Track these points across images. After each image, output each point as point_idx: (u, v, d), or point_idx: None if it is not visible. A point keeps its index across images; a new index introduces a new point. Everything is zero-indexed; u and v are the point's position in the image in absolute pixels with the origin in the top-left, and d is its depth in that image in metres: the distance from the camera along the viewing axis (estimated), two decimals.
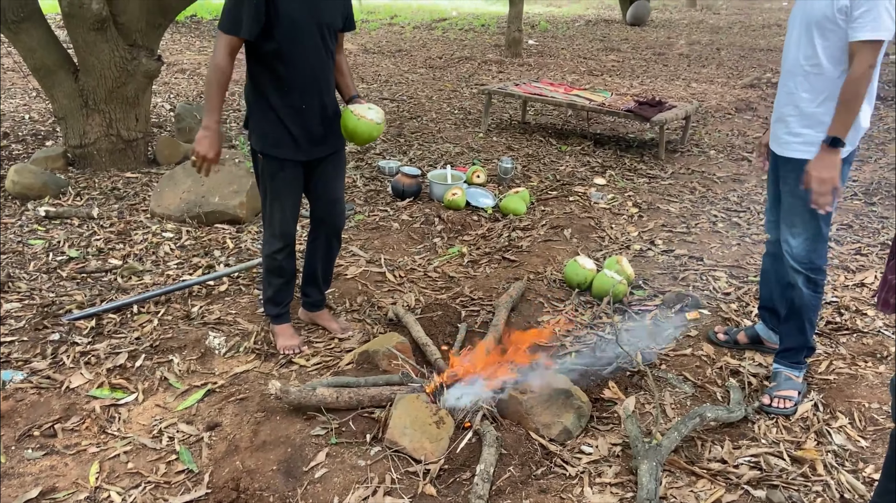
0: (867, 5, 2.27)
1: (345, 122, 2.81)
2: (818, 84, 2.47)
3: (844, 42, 2.37)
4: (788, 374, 2.74)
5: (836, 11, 2.34)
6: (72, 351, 2.99)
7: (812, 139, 2.50)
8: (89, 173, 5.27)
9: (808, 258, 2.62)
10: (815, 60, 2.45)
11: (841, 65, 2.42)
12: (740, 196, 5.27)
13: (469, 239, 4.36)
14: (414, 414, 2.41)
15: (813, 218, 2.56)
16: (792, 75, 2.56)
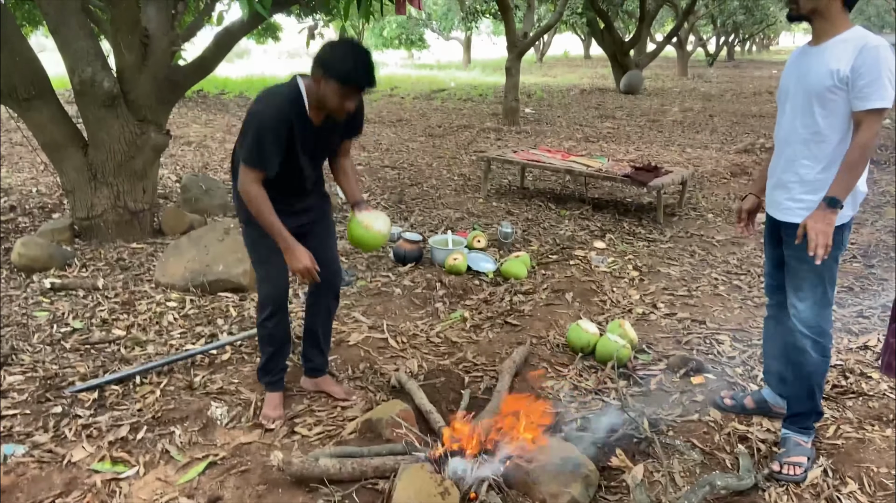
0: (869, 76, 2.34)
1: (352, 230, 2.89)
2: (819, 152, 2.51)
3: (845, 111, 2.44)
4: (797, 440, 2.71)
5: (836, 82, 2.40)
6: (74, 424, 2.97)
7: (812, 206, 2.52)
8: (95, 244, 5.33)
9: (815, 322, 2.62)
10: (816, 129, 2.50)
11: (841, 132, 2.47)
12: (740, 259, 5.32)
13: (471, 303, 4.38)
14: (418, 485, 2.37)
15: (819, 282, 2.58)
16: (789, 143, 2.61)
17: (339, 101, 2.57)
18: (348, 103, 2.60)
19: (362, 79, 2.54)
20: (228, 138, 10.32)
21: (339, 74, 2.51)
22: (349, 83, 2.53)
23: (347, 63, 2.51)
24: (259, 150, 2.63)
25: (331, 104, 2.60)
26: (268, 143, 2.62)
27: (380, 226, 2.87)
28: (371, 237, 2.87)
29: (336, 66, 2.51)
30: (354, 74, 2.52)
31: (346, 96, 2.57)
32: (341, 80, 2.52)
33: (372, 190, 7.29)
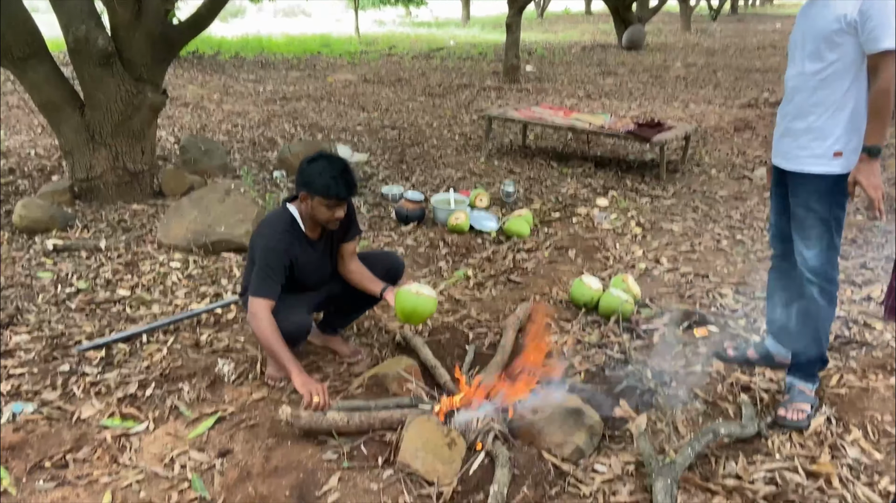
0: (878, 17, 2.33)
1: (403, 303, 2.84)
2: (827, 98, 2.51)
3: (853, 56, 2.43)
4: (802, 388, 2.73)
5: (844, 26, 2.40)
6: (82, 381, 2.99)
7: (822, 152, 2.53)
8: (96, 206, 5.32)
9: (822, 269, 2.64)
10: (824, 74, 2.50)
11: (849, 78, 2.47)
12: (743, 214, 5.30)
13: (474, 262, 4.38)
14: (426, 436, 2.40)
15: (826, 230, 2.59)
16: (798, 90, 2.60)
17: (328, 213, 2.75)
18: (337, 212, 2.76)
19: (342, 190, 2.70)
20: (226, 99, 10.21)
21: (320, 190, 2.68)
22: (331, 196, 2.69)
23: (325, 178, 2.68)
24: (265, 280, 2.74)
25: (322, 217, 2.77)
26: (273, 273, 2.74)
27: (427, 290, 2.87)
28: (425, 302, 2.84)
29: (316, 183, 2.68)
30: (335, 187, 2.68)
31: (333, 207, 2.73)
32: (323, 195, 2.69)
33: (373, 150, 7.23)
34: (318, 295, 3.03)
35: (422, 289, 2.85)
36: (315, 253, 2.90)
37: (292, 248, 2.79)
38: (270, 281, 2.75)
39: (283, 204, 2.90)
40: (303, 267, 2.86)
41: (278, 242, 2.76)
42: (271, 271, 2.74)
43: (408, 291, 2.83)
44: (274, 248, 2.76)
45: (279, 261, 2.75)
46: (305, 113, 9.27)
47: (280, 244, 2.76)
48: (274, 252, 2.75)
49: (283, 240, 2.77)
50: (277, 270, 2.76)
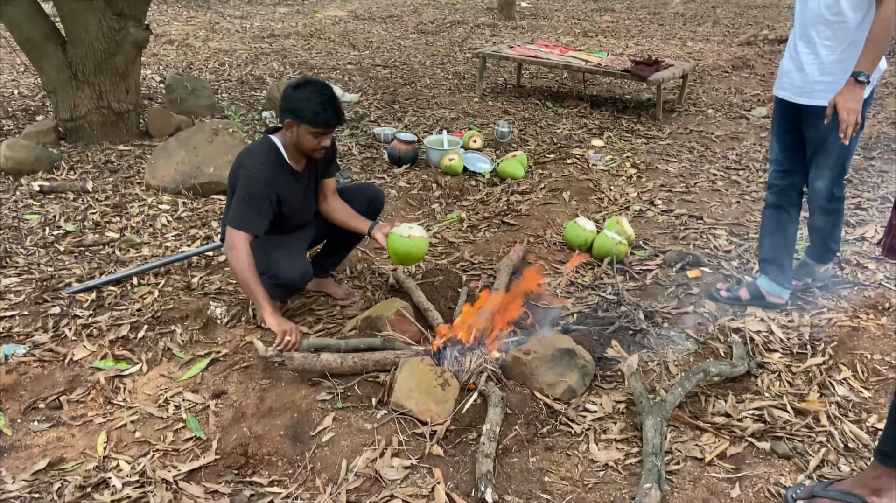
0: None
1: (395, 247, 2.79)
2: (840, 33, 2.53)
3: None
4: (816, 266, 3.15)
5: None
6: (73, 324, 2.98)
7: (835, 86, 2.54)
8: (81, 147, 5.21)
9: (836, 195, 2.83)
10: (837, 9, 2.51)
11: (861, 11, 2.48)
12: (739, 154, 5.24)
13: (468, 204, 4.34)
14: (419, 377, 2.41)
15: (840, 157, 2.72)
16: (812, 24, 2.60)
17: (314, 141, 2.66)
18: (324, 141, 2.67)
19: (331, 117, 2.60)
20: (212, 36, 9.91)
21: (308, 117, 2.58)
22: (319, 124, 2.59)
23: (313, 104, 2.57)
24: (247, 212, 2.66)
25: (308, 146, 2.68)
26: (256, 205, 2.65)
27: (418, 231, 2.79)
28: (417, 244, 2.78)
29: (303, 109, 2.58)
30: (323, 114, 2.58)
31: (320, 136, 2.65)
32: (311, 122, 2.59)
33: (364, 90, 7.08)
34: (308, 234, 2.99)
35: (413, 230, 2.80)
36: (300, 186, 2.82)
37: (276, 181, 2.69)
38: (252, 213, 2.66)
39: (265, 135, 2.80)
40: (288, 201, 2.77)
41: (261, 173, 2.66)
42: (254, 202, 2.65)
43: (399, 236, 2.78)
44: (256, 178, 2.65)
45: (262, 193, 2.66)
46: (294, 51, 9.03)
47: (263, 175, 2.66)
48: (256, 183, 2.65)
49: (266, 171, 2.67)
50: (261, 203, 2.66)
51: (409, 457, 2.23)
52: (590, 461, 2.22)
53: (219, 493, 2.14)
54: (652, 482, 2.01)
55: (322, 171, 2.93)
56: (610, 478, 2.16)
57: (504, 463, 2.21)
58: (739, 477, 2.16)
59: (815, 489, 2.01)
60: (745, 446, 2.27)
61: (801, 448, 2.26)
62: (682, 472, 2.17)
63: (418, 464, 2.21)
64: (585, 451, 2.26)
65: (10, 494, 2.11)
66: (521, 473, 2.17)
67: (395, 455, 2.24)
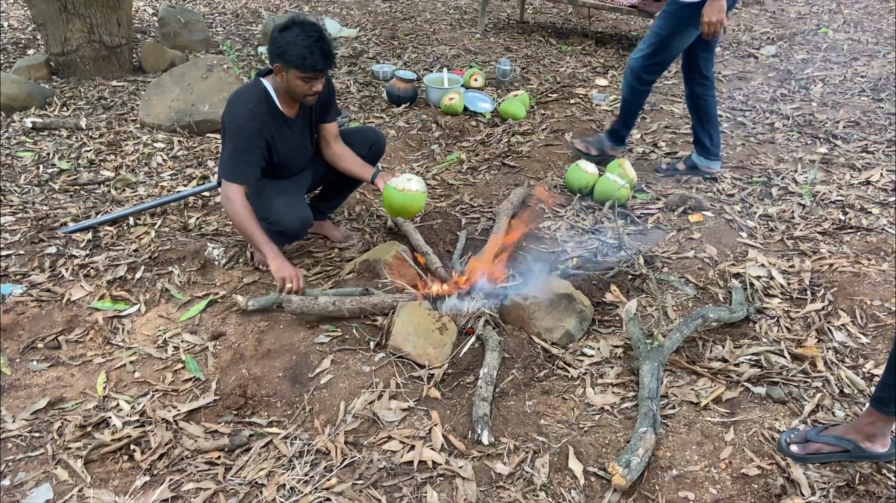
0: None
1: (390, 200, 2.69)
2: None
3: None
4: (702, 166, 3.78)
5: None
6: (70, 264, 2.96)
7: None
8: (74, 82, 5.10)
9: (638, 74, 3.59)
10: None
11: None
12: (746, 95, 5.13)
13: (468, 145, 4.26)
14: (416, 321, 2.41)
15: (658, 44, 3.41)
16: None
17: (305, 86, 2.53)
18: (315, 86, 2.54)
19: (319, 61, 2.47)
20: None
21: (295, 61, 2.45)
22: (307, 68, 2.47)
23: (299, 47, 2.44)
24: (237, 162, 2.58)
25: (298, 92, 2.56)
26: (245, 155, 2.57)
27: (415, 185, 2.68)
28: (412, 198, 2.67)
29: (290, 53, 2.45)
30: (311, 58, 2.45)
31: (310, 81, 2.52)
32: (299, 66, 2.46)
33: (362, 25, 6.88)
34: (306, 178, 2.93)
35: (409, 183, 2.68)
36: (292, 132, 2.73)
37: (265, 127, 2.60)
38: (242, 163, 2.59)
39: (257, 77, 2.69)
40: (280, 148, 2.69)
41: (249, 120, 2.56)
42: (242, 153, 2.58)
43: (394, 188, 2.68)
44: (244, 126, 2.56)
45: (251, 142, 2.57)
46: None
47: (251, 122, 2.56)
48: (244, 131, 2.56)
49: (254, 117, 2.57)
50: (250, 151, 2.59)
51: (407, 400, 2.24)
52: (586, 405, 2.24)
53: (218, 433, 2.16)
54: (647, 426, 2.03)
55: (318, 117, 2.83)
56: (605, 421, 2.18)
57: (501, 406, 2.22)
58: (734, 421, 2.18)
59: (809, 433, 2.03)
60: (741, 391, 2.29)
61: (796, 393, 2.28)
62: (678, 416, 2.18)
63: (415, 407, 2.22)
64: (582, 395, 2.27)
65: (10, 433, 2.13)
66: (518, 416, 2.19)
67: (393, 397, 2.26)
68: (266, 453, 2.09)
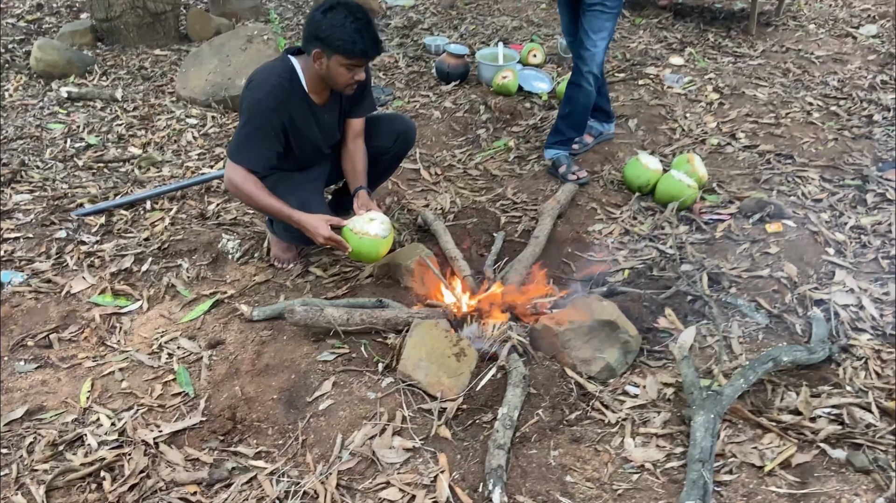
0: None
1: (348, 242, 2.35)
2: None
3: None
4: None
5: None
6: (76, 251, 2.78)
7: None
8: (118, 50, 4.95)
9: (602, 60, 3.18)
10: None
11: None
12: (841, 80, 4.52)
13: (518, 130, 3.87)
14: (431, 344, 2.09)
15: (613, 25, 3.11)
16: None
17: (347, 75, 2.25)
18: (357, 74, 2.26)
19: (370, 47, 2.19)
20: None
21: (342, 47, 2.16)
22: (355, 55, 2.18)
23: (347, 31, 2.15)
24: (246, 143, 2.31)
25: (339, 81, 2.27)
26: (258, 135, 2.30)
27: (375, 228, 2.32)
28: (370, 245, 2.33)
29: (335, 37, 2.15)
30: (361, 43, 2.17)
31: (354, 69, 2.24)
32: (346, 52, 2.17)
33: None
34: (323, 171, 2.64)
35: (369, 225, 2.33)
36: (318, 120, 2.42)
37: (283, 107, 2.30)
38: (252, 144, 2.31)
39: (284, 54, 2.38)
40: (301, 135, 2.40)
41: (266, 96, 2.27)
42: (256, 131, 2.30)
43: (350, 231, 2.34)
44: (259, 101, 2.27)
45: (265, 120, 2.28)
46: None
47: (270, 100, 2.27)
48: (258, 107, 2.28)
49: (273, 94, 2.27)
50: (264, 131, 2.30)
51: (413, 438, 1.94)
52: (623, 459, 1.88)
53: (199, 462, 1.92)
54: (695, 498, 1.67)
55: (348, 110, 2.52)
56: (645, 483, 1.82)
57: (520, 454, 1.89)
58: (805, 493, 1.78)
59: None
60: (816, 454, 1.88)
61: (883, 461, 1.85)
62: (735, 484, 1.80)
63: (422, 447, 1.92)
64: (619, 447, 1.92)
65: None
66: (539, 469, 1.86)
67: (397, 433, 1.96)
68: (248, 491, 1.83)
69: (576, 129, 3.34)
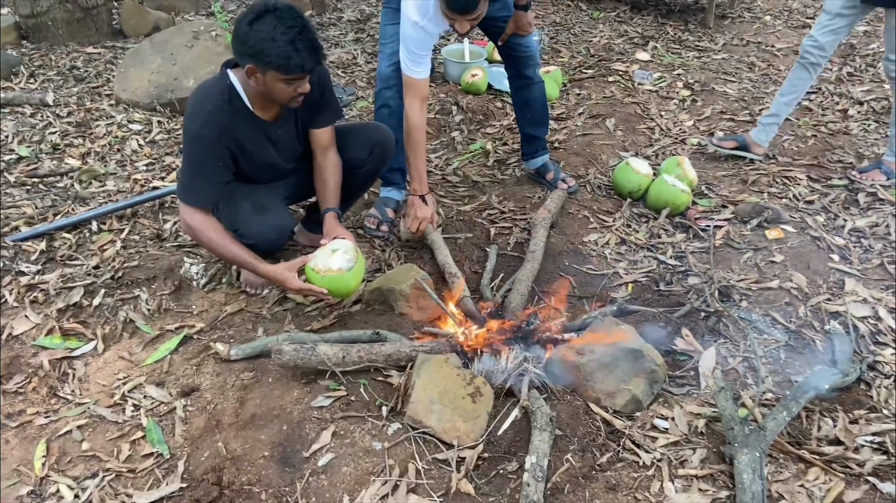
0: None
1: (310, 282, 2.12)
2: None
3: None
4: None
5: None
6: (15, 284, 2.43)
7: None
8: (45, 48, 4.50)
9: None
10: None
11: None
12: None
13: (493, 131, 3.67)
14: (443, 384, 1.87)
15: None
16: None
17: (289, 90, 2.00)
18: (301, 87, 2.01)
19: (306, 59, 1.93)
20: None
21: (275, 63, 1.91)
22: (292, 69, 1.93)
23: (279, 44, 1.89)
24: (194, 181, 2.08)
25: (280, 96, 2.03)
26: (203, 171, 2.07)
27: (338, 262, 2.09)
28: (333, 283, 2.09)
29: (267, 52, 1.90)
30: (296, 57, 1.91)
31: (294, 82, 1.99)
32: (280, 68, 1.92)
33: None
34: (286, 183, 2.38)
35: (332, 259, 2.11)
36: (269, 139, 2.17)
37: (227, 133, 2.06)
38: (199, 181, 2.08)
39: (223, 69, 2.10)
40: (252, 156, 2.14)
41: (205, 126, 2.02)
42: (200, 168, 2.06)
43: (312, 271, 2.11)
44: (198, 134, 2.03)
45: (209, 153, 2.05)
46: None
47: (208, 129, 2.02)
48: (199, 140, 2.03)
49: (212, 121, 2.02)
50: (209, 165, 2.07)
51: (431, 495, 1.72)
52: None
53: None
54: None
55: (307, 121, 2.26)
56: None
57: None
58: None
59: None
60: (866, 489, 1.75)
61: None
62: None
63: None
64: (658, 493, 1.74)
65: None
66: None
67: (412, 490, 1.73)
68: None
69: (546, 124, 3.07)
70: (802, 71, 3.08)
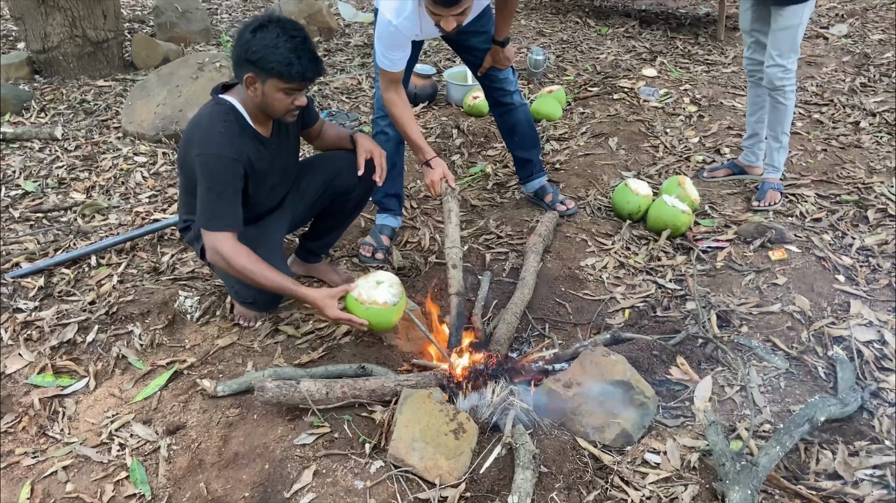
0: None
1: (351, 312, 2.07)
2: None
3: None
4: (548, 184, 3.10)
5: None
6: (12, 322, 2.45)
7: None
8: (57, 82, 4.60)
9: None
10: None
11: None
12: (819, 85, 4.40)
13: (494, 154, 3.65)
14: (425, 420, 1.83)
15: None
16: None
17: (286, 100, 2.01)
18: (298, 99, 2.03)
19: (308, 69, 1.96)
20: None
21: (277, 70, 1.92)
22: (293, 78, 1.94)
23: (282, 52, 1.91)
24: (220, 206, 2.03)
25: (277, 107, 2.03)
26: (229, 194, 2.04)
27: (384, 295, 2.06)
28: (376, 316, 2.05)
29: (270, 59, 1.91)
30: (298, 65, 1.93)
31: (293, 93, 2.00)
32: (282, 75, 1.93)
33: None
34: (282, 222, 2.36)
35: (378, 292, 2.07)
36: (270, 155, 2.16)
37: (241, 152, 2.03)
38: (225, 205, 2.03)
39: (214, 95, 2.11)
40: (258, 175, 2.13)
41: (224, 147, 1.99)
42: (227, 191, 2.02)
43: (355, 301, 2.07)
44: (221, 157, 1.99)
45: (233, 175, 2.02)
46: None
47: (228, 151, 1.99)
48: (221, 162, 1.99)
49: (228, 143, 2.00)
50: (233, 187, 2.03)
51: None
52: None
53: None
54: None
55: (298, 129, 2.32)
56: None
57: None
58: None
59: None
60: None
61: None
62: None
63: None
64: None
65: None
66: None
67: None
68: None
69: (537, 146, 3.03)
70: (755, 87, 3.08)
